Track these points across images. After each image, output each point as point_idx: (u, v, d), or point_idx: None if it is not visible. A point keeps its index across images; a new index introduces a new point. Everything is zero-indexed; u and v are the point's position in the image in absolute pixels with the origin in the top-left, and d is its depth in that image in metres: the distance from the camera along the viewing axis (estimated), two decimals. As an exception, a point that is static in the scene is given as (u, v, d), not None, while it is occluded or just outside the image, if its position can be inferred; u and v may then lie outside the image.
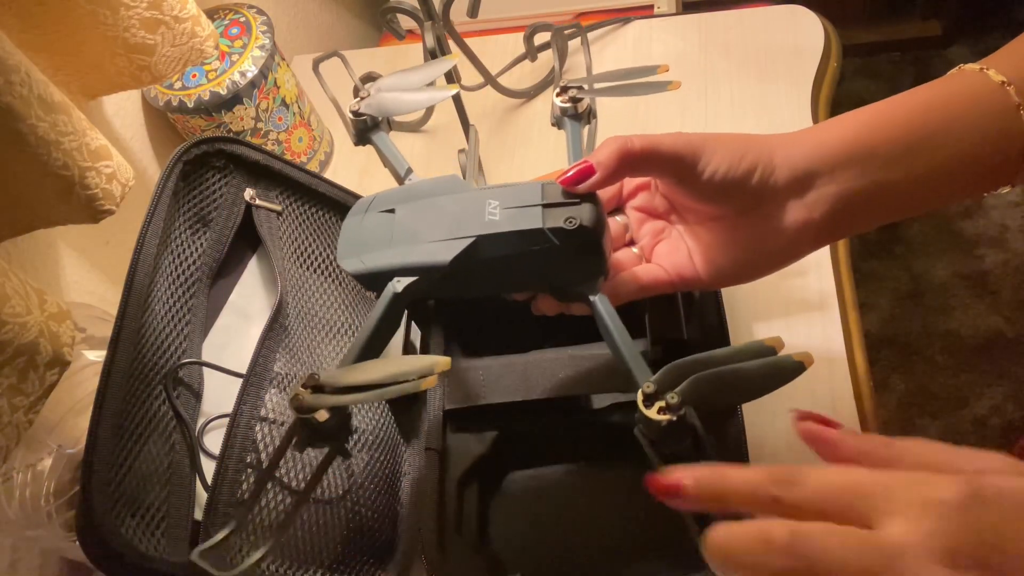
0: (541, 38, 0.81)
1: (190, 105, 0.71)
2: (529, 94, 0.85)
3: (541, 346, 0.58)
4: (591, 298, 0.42)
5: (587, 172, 0.40)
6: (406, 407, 0.60)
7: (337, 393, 0.37)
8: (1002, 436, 1.33)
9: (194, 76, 0.72)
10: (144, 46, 0.60)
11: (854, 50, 1.83)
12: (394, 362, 0.38)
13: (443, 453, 0.54)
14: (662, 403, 0.36)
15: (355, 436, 0.55)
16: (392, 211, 0.44)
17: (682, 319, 0.54)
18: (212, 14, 0.78)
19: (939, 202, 0.42)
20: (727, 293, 0.63)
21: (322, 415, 0.37)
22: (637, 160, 0.40)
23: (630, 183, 0.48)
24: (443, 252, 0.41)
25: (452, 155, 0.83)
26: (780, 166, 0.40)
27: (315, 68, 0.78)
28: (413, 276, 0.41)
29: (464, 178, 0.71)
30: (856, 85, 1.80)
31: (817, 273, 0.65)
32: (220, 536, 0.39)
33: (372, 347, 0.41)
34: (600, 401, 0.56)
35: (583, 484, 0.55)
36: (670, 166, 0.40)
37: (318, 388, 0.38)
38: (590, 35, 0.89)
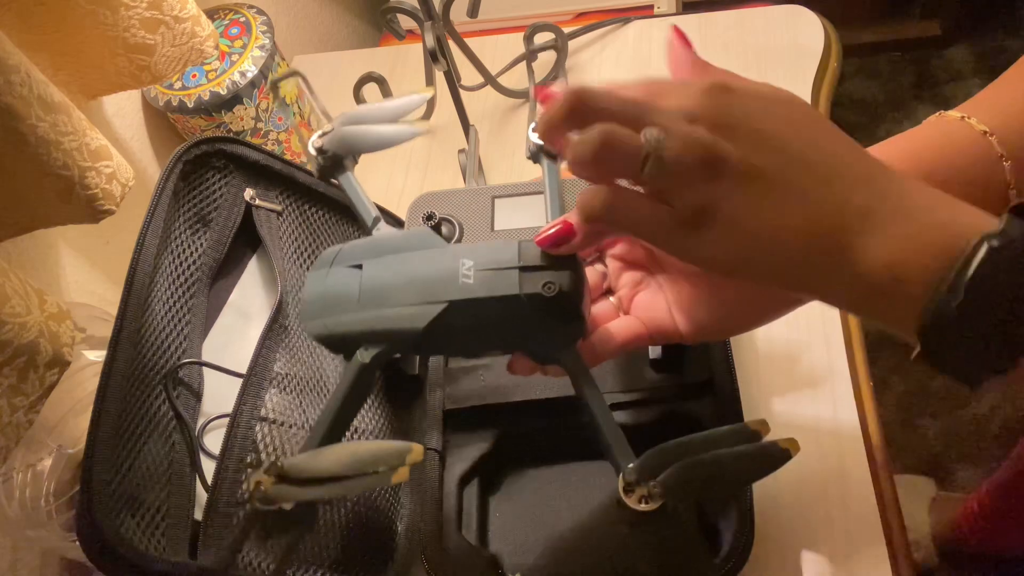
0: (541, 38, 0.81)
1: (190, 105, 0.71)
2: (528, 94, 0.85)
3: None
4: (569, 366, 0.40)
5: (566, 233, 0.38)
6: (406, 407, 0.60)
7: (302, 485, 0.35)
8: (1002, 436, 1.33)
9: (194, 76, 0.72)
10: (144, 46, 0.60)
11: (854, 50, 1.83)
12: (364, 449, 0.36)
13: (443, 453, 0.54)
14: (643, 491, 0.35)
15: (355, 435, 0.55)
16: (359, 267, 0.41)
17: None
18: (212, 14, 0.78)
19: None
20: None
21: (287, 504, 0.35)
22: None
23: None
24: (414, 319, 0.38)
25: (452, 155, 0.83)
26: None
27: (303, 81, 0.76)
28: (381, 344, 0.39)
29: (464, 179, 0.71)
30: (856, 85, 1.80)
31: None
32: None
33: (340, 421, 0.39)
34: (600, 401, 0.56)
35: (583, 484, 0.55)
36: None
37: (282, 477, 0.35)
38: (590, 35, 0.89)
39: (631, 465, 0.36)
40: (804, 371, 0.60)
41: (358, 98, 0.83)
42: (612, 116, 0.33)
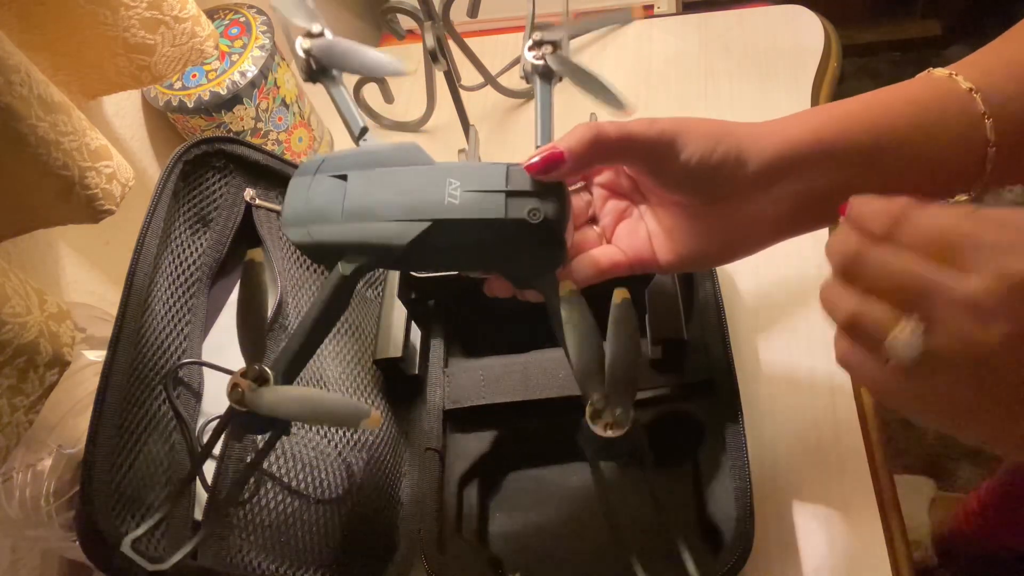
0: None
1: (190, 105, 0.71)
2: (529, 94, 0.85)
3: (541, 346, 0.58)
4: (546, 291, 0.40)
5: (555, 160, 0.38)
6: (406, 407, 0.60)
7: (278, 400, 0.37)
8: (1002, 436, 1.33)
9: (194, 76, 0.72)
10: (144, 46, 0.60)
11: (854, 50, 1.83)
12: (326, 403, 0.37)
13: (443, 453, 0.54)
14: (609, 419, 0.35)
15: (355, 435, 0.55)
16: (344, 177, 0.40)
17: (682, 319, 0.54)
18: (212, 14, 0.78)
19: None
20: (728, 294, 0.63)
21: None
22: (611, 149, 0.39)
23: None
24: (398, 235, 0.38)
25: (452, 155, 0.83)
26: (750, 160, 0.39)
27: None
28: (363, 257, 0.39)
29: None
30: (856, 85, 1.80)
31: (818, 274, 0.65)
32: (147, 526, 0.39)
33: (317, 331, 0.39)
34: (600, 401, 0.56)
35: (583, 484, 0.55)
36: (643, 156, 0.39)
37: (262, 381, 0.37)
38: (590, 35, 0.89)
39: (597, 393, 0.37)
40: (804, 371, 0.60)
41: (358, 98, 0.83)
42: (877, 284, 0.30)
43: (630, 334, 0.37)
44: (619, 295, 0.38)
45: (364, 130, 0.46)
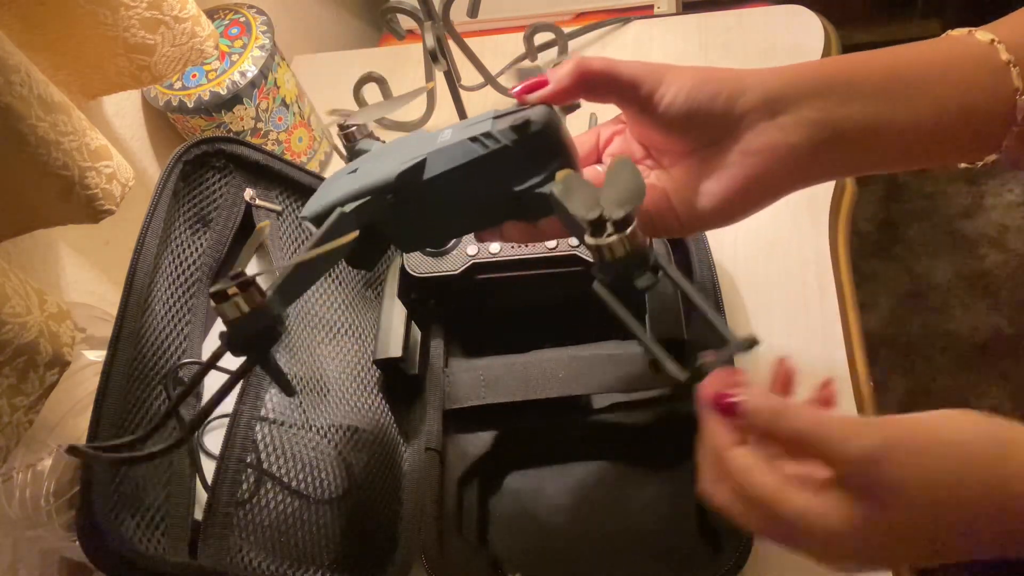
0: (541, 38, 0.81)
1: (190, 105, 0.71)
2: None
3: (541, 346, 0.58)
4: (550, 191, 0.38)
5: (539, 84, 0.39)
6: (406, 407, 0.60)
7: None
8: (1002, 436, 1.33)
9: (194, 76, 0.72)
10: (144, 46, 0.60)
11: (854, 50, 1.82)
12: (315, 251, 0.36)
13: (443, 453, 0.54)
14: (610, 227, 0.33)
15: (355, 435, 0.55)
16: (355, 170, 0.42)
17: (682, 319, 0.54)
18: (212, 14, 0.78)
19: (925, 157, 0.40)
20: (727, 293, 0.63)
21: (235, 307, 0.35)
22: (595, 80, 0.39)
23: (606, 130, 0.45)
24: (389, 172, 0.39)
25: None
26: (751, 89, 0.38)
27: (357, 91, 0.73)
28: (361, 199, 0.39)
29: None
30: (856, 85, 1.80)
31: (817, 273, 0.65)
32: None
33: (314, 266, 0.38)
34: (600, 401, 0.56)
35: (583, 484, 0.55)
36: (628, 91, 0.39)
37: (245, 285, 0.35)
38: (590, 35, 0.89)
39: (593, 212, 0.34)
40: (804, 371, 0.60)
41: (358, 98, 0.83)
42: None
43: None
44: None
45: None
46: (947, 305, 1.47)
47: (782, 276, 0.66)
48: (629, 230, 0.33)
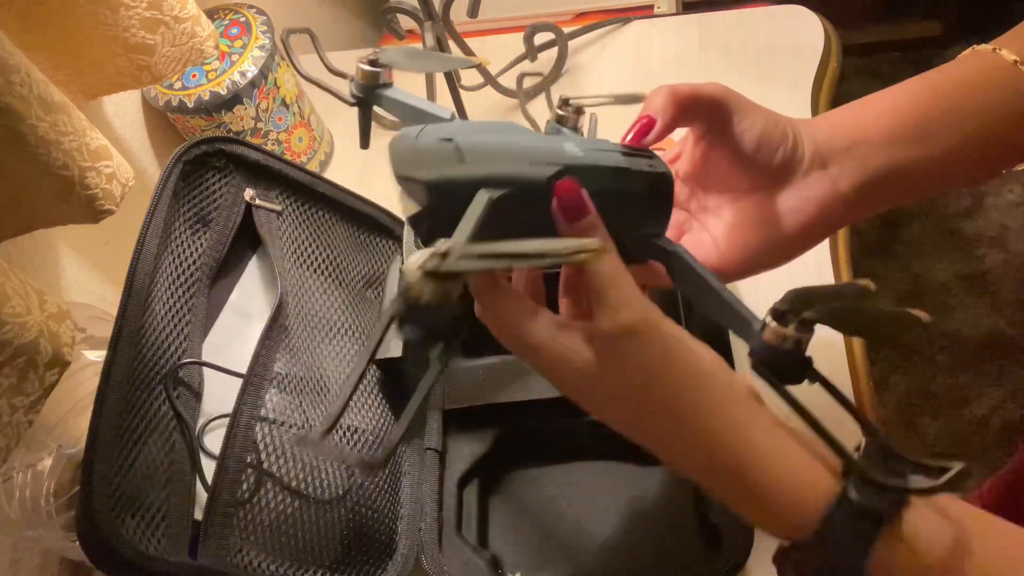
0: (541, 38, 0.81)
1: (190, 105, 0.71)
2: (529, 94, 0.85)
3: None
4: (671, 249, 0.39)
5: (649, 125, 0.40)
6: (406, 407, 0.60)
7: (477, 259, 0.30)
8: (1002, 436, 1.33)
9: (194, 76, 0.72)
10: (144, 46, 0.60)
11: (854, 50, 1.83)
12: (535, 242, 0.32)
13: (443, 453, 0.54)
14: (794, 322, 0.33)
15: (355, 435, 0.55)
16: (450, 140, 0.36)
17: (682, 317, 0.54)
18: (212, 14, 0.78)
19: (960, 180, 0.43)
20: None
21: (430, 293, 0.30)
22: (687, 103, 0.40)
23: None
24: (536, 170, 0.35)
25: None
26: (807, 137, 0.41)
27: (284, 39, 0.67)
28: (505, 188, 0.34)
29: None
30: (856, 85, 1.80)
31: (817, 273, 0.65)
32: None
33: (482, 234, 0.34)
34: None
35: (583, 484, 0.55)
36: (714, 111, 0.40)
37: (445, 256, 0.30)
38: (590, 35, 0.89)
39: (779, 301, 0.34)
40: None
41: (358, 98, 0.83)
42: None
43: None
44: None
45: (454, 115, 0.43)
46: (947, 305, 1.47)
47: (782, 276, 0.66)
48: (807, 335, 0.33)
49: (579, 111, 0.44)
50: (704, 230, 0.44)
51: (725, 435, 0.33)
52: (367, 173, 0.85)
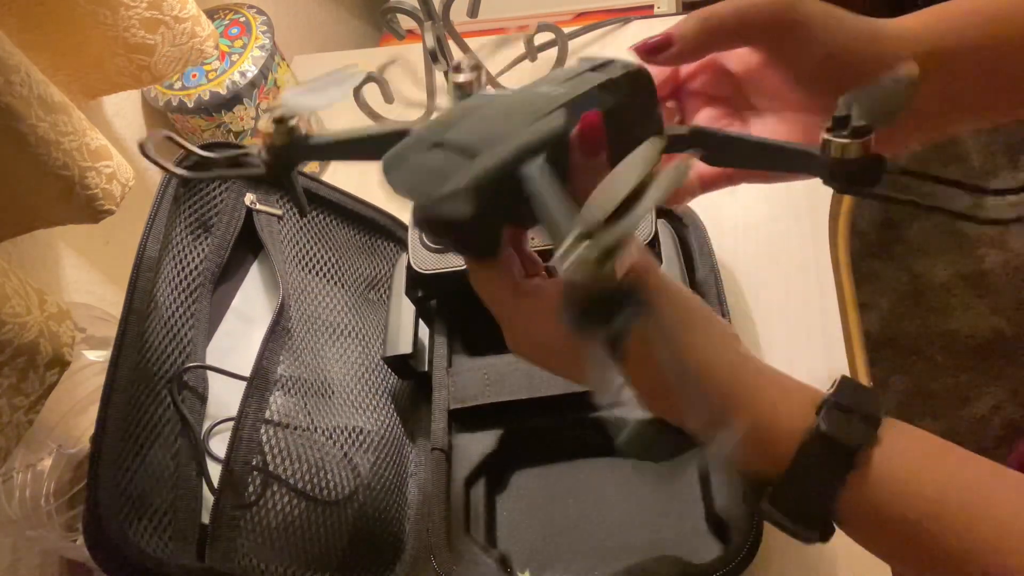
0: (541, 38, 0.81)
1: (190, 105, 0.71)
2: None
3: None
4: (682, 132, 0.36)
5: (665, 43, 0.35)
6: (413, 407, 0.60)
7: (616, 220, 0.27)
8: (1002, 436, 1.33)
9: (194, 76, 0.72)
10: (144, 46, 0.60)
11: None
12: (633, 166, 0.29)
13: (449, 453, 0.54)
14: (850, 132, 0.31)
15: (360, 436, 0.55)
16: (441, 145, 0.33)
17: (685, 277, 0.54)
18: (212, 14, 0.77)
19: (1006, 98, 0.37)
20: (728, 293, 0.63)
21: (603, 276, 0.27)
22: (723, 33, 0.35)
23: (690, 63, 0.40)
24: (547, 124, 0.32)
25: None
26: (881, 31, 0.36)
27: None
28: (539, 153, 0.31)
29: None
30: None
31: (817, 273, 0.65)
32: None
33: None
34: (605, 399, 0.56)
35: (590, 481, 0.55)
36: (771, 31, 0.34)
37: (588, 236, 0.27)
38: (590, 35, 0.89)
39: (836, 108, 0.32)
40: (804, 371, 0.59)
41: (358, 98, 0.83)
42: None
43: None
44: None
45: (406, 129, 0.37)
46: (947, 305, 1.47)
47: (782, 276, 0.66)
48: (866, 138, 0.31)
49: (476, 67, 0.39)
50: (747, 130, 0.40)
51: (725, 374, 0.33)
52: (367, 175, 0.84)
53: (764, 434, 0.32)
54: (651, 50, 0.36)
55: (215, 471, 0.47)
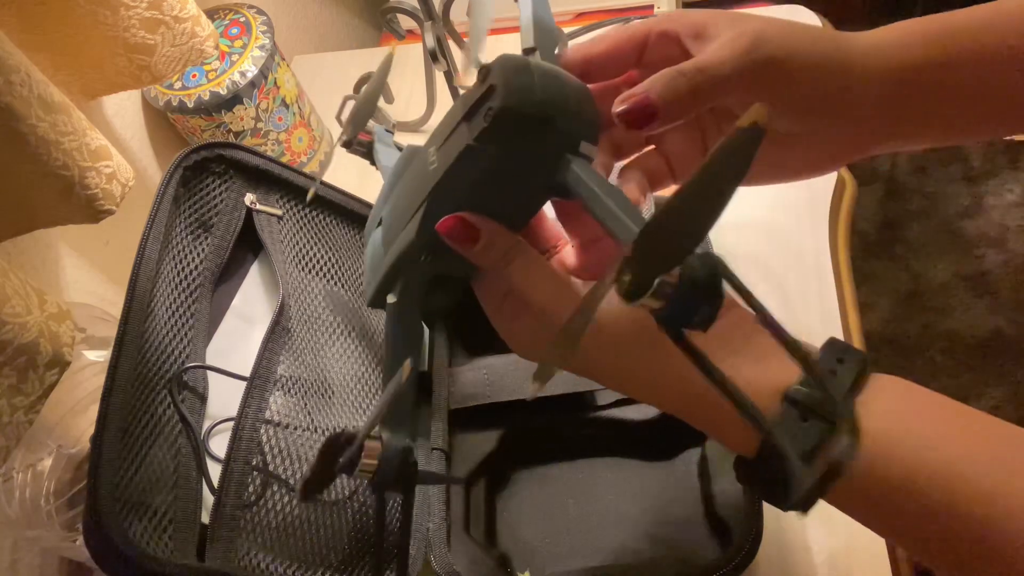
0: (541, 38, 0.81)
1: (190, 105, 0.71)
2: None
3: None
4: (571, 169, 0.31)
5: (649, 114, 0.32)
6: (412, 407, 0.60)
7: None
8: (1002, 436, 1.33)
9: (194, 76, 0.72)
10: (144, 46, 0.60)
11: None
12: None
13: (449, 453, 0.54)
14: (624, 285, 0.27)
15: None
16: (380, 223, 0.39)
17: None
18: (212, 14, 0.77)
19: (973, 118, 0.38)
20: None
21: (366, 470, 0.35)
22: (708, 98, 0.33)
23: (657, 31, 0.37)
24: (407, 233, 0.35)
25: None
26: (852, 43, 0.37)
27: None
28: (397, 279, 0.36)
29: None
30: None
31: (817, 273, 0.65)
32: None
33: (399, 359, 0.35)
34: (605, 397, 0.56)
35: (590, 481, 0.55)
36: (745, 93, 0.33)
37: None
38: (590, 35, 0.89)
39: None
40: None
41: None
42: None
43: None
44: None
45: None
46: (947, 305, 1.47)
47: (782, 276, 0.66)
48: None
49: (367, 131, 0.44)
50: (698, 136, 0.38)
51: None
52: (367, 174, 0.84)
53: (727, 428, 0.34)
54: (635, 122, 0.32)
55: (215, 471, 0.47)
